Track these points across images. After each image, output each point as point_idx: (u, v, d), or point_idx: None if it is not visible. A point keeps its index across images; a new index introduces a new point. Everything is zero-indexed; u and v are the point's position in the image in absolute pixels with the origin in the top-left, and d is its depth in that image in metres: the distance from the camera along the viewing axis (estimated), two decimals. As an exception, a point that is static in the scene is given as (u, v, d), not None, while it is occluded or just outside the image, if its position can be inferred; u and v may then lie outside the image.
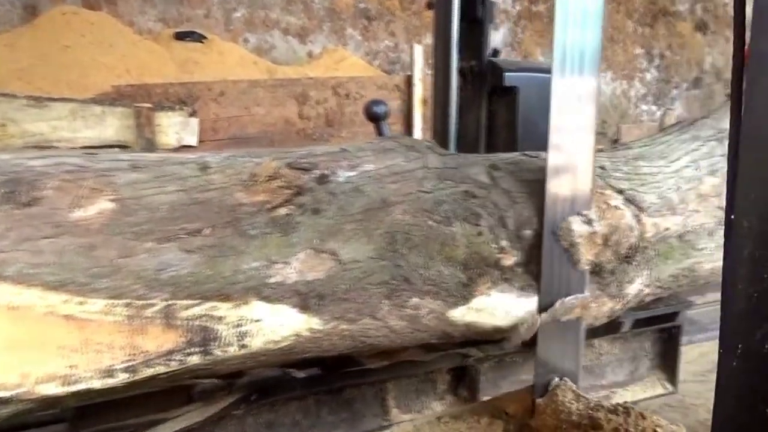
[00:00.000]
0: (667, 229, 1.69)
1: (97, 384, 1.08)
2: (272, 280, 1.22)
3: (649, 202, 1.67)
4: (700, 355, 4.63)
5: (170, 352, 1.13)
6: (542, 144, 2.02)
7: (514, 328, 1.52)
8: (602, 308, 1.64)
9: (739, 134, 0.93)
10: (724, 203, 1.88)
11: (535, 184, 1.53)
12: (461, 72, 2.13)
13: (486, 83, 2.07)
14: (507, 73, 2.02)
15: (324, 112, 4.76)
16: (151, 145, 3.77)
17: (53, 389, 1.04)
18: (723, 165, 1.83)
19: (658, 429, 1.34)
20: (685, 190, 1.74)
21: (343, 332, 1.31)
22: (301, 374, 1.75)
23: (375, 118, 2.01)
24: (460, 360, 1.95)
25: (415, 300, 1.37)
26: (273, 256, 1.23)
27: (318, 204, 1.30)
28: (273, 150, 1.38)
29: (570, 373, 1.54)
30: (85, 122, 3.69)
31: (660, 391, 2.38)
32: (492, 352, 2.00)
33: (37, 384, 1.03)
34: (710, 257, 1.79)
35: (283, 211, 1.26)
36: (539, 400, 1.55)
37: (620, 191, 1.64)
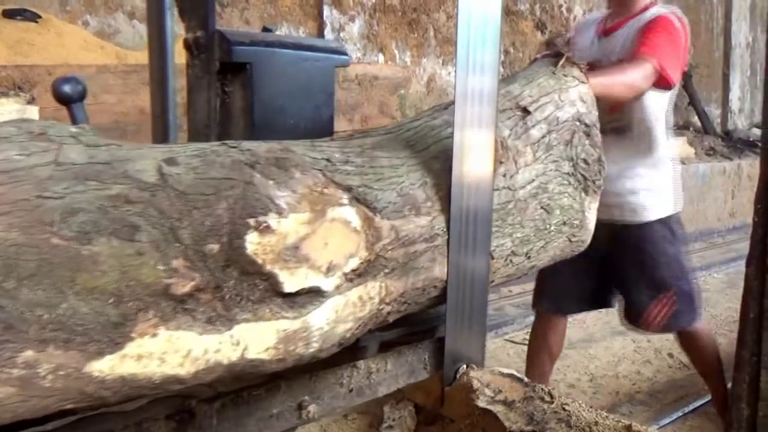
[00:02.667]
0: (409, 232, 1.40)
1: None
2: None
3: (386, 201, 1.37)
4: None
5: None
6: (283, 131, 1.69)
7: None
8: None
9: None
10: (478, 199, 1.65)
11: (224, 183, 1.17)
12: (186, 45, 1.73)
13: (214, 58, 1.68)
14: (236, 47, 1.64)
15: (182, 101, 4.27)
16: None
17: None
18: (478, 154, 1.58)
19: (565, 407, 1.35)
20: (433, 185, 1.47)
21: None
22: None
23: (65, 99, 1.56)
24: (180, 402, 1.56)
25: (28, 354, 0.96)
26: None
27: None
28: None
29: (476, 361, 1.52)
30: None
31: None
32: (224, 388, 1.63)
33: None
34: (465, 263, 1.53)
35: None
36: (448, 388, 1.51)
37: (348, 188, 1.33)
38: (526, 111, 1.67)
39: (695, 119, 10.06)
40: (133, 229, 1.05)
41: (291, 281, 1.21)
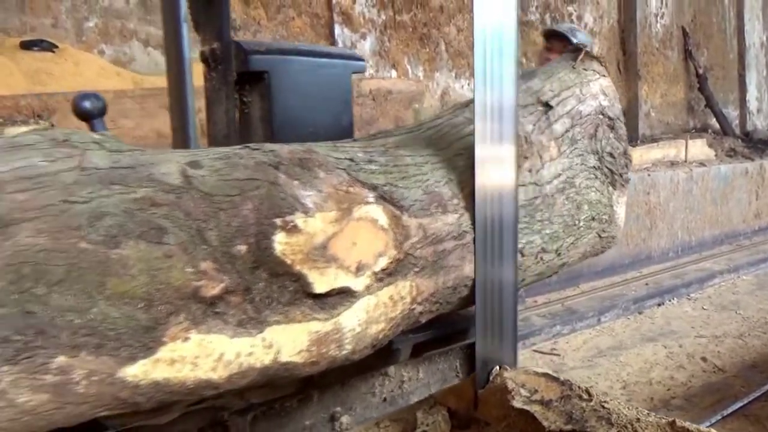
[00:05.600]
0: (437, 230, 1.38)
1: None
2: None
3: (412, 199, 1.35)
4: (583, 342, 4.72)
5: None
6: (303, 139, 1.68)
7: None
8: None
9: None
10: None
11: (249, 183, 1.15)
12: (203, 57, 1.74)
13: (231, 69, 1.68)
14: (253, 56, 1.65)
15: (199, 123, 4.37)
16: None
17: None
18: (502, 150, 1.56)
19: (605, 404, 1.32)
20: (458, 183, 1.45)
21: None
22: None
23: (86, 115, 1.57)
24: (212, 415, 1.54)
25: (61, 360, 0.94)
26: None
27: None
28: None
29: (508, 363, 1.50)
30: None
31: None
32: (256, 399, 1.60)
33: None
34: (495, 260, 1.50)
35: None
36: (482, 391, 1.48)
37: (374, 187, 1.31)
38: (548, 106, 1.65)
39: (713, 121, 9.97)
40: (160, 232, 1.04)
41: (321, 281, 1.19)
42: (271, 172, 1.19)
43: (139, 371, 1.01)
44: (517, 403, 1.35)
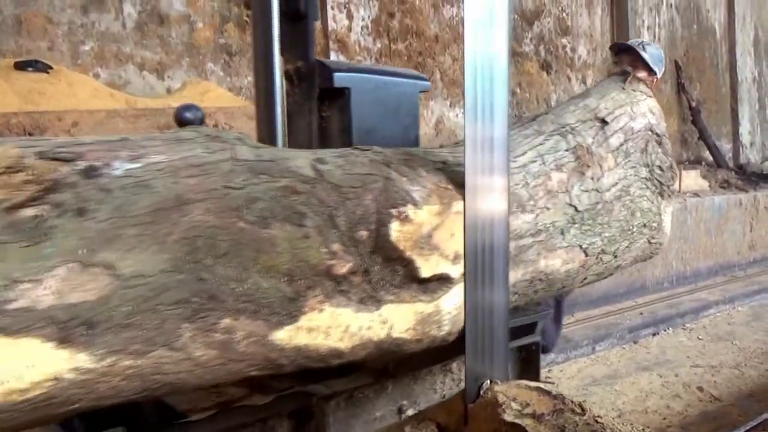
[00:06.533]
0: (517, 228, 1.53)
1: None
2: (13, 305, 0.88)
3: (496, 198, 1.50)
4: (577, 371, 4.71)
5: None
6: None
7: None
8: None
9: None
10: (572, 199, 1.79)
11: (368, 177, 1.31)
12: (287, 75, 1.90)
13: (314, 85, 1.84)
14: (337, 74, 1.81)
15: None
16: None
17: None
18: (568, 159, 1.72)
19: (598, 419, 1.30)
20: (534, 186, 1.60)
21: (126, 371, 0.98)
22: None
23: (186, 124, 1.72)
24: (301, 400, 1.66)
25: (226, 322, 1.08)
26: (15, 273, 0.89)
27: (84, 203, 0.98)
28: (26, 138, 1.05)
29: (500, 377, 1.47)
30: None
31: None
32: (339, 387, 1.73)
33: None
34: (564, 258, 1.65)
35: (29, 212, 0.93)
36: (472, 405, 1.43)
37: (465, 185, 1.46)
38: (604, 122, 1.82)
39: (706, 154, 10.18)
40: (300, 216, 1.19)
41: (426, 267, 1.34)
42: (384, 169, 1.35)
43: (285, 336, 1.15)
44: (508, 417, 1.30)
